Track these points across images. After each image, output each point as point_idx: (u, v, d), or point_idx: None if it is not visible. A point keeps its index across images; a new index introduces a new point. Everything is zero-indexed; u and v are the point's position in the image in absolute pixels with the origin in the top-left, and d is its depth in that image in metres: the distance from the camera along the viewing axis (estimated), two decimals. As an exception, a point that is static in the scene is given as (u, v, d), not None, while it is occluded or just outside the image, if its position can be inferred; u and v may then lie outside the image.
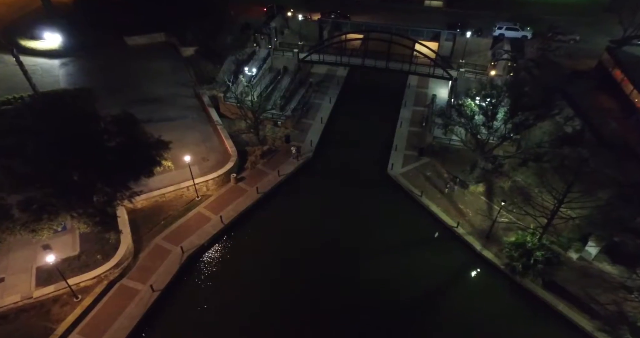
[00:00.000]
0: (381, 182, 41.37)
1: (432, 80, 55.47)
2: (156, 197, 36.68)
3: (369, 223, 37.04)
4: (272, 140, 45.38)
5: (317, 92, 53.90)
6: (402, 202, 39.15)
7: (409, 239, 35.71)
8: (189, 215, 36.40)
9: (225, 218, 36.19)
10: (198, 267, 33.15)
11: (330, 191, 40.26)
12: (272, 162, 42.64)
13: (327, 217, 37.57)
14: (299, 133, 46.84)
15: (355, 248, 34.82)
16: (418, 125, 48.00)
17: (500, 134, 37.02)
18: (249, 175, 41.02)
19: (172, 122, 45.20)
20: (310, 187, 41.03)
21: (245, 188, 39.52)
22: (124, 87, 50.09)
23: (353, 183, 41.07)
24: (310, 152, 44.22)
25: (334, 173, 42.34)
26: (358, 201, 39.17)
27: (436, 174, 41.23)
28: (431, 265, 33.46)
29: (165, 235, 34.30)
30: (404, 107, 50.85)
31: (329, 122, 49.22)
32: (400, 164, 42.66)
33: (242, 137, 45.40)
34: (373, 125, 49.17)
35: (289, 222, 37.30)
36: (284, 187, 40.62)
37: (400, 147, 44.61)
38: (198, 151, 41.90)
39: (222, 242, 35.34)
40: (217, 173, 38.99)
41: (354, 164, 43.49)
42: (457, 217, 36.51)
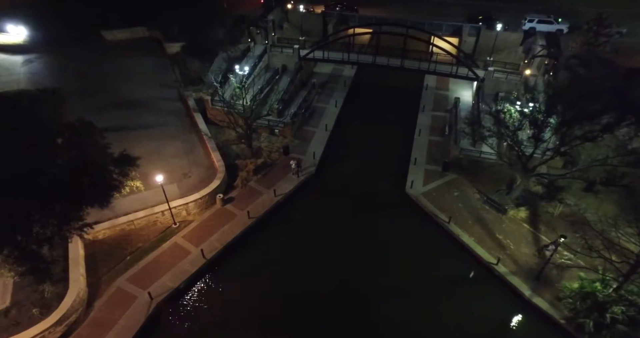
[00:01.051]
0: (399, 204, 34.24)
1: (452, 82, 48.58)
2: (123, 225, 29.62)
3: (384, 258, 29.89)
4: (268, 152, 38.33)
5: (320, 95, 46.90)
6: (424, 229, 32.02)
7: (435, 279, 28.56)
8: (163, 247, 29.33)
9: (207, 252, 29.13)
10: (170, 319, 26.05)
11: (337, 216, 33.13)
12: (268, 179, 35.58)
13: (332, 250, 30.44)
14: (299, 143, 39.78)
15: (366, 291, 27.68)
16: (439, 134, 40.90)
17: (546, 147, 29.94)
18: (240, 195, 33.96)
19: (151, 130, 38.24)
20: (312, 210, 33.92)
21: (234, 211, 32.46)
22: (97, 88, 43.15)
23: (364, 206, 33.94)
24: (312, 167, 37.15)
25: (341, 193, 35.22)
26: (371, 228, 32.02)
27: (464, 194, 34.09)
28: (464, 314, 26.29)
29: (130, 276, 27.23)
30: (422, 112, 43.78)
31: (335, 129, 42.15)
32: (421, 181, 35.54)
33: (232, 148, 38.37)
34: (386, 134, 42.07)
35: (287, 256, 30.18)
36: (280, 211, 33.52)
37: (420, 160, 37.50)
38: (179, 165, 34.90)
39: (203, 283, 28.24)
40: (200, 194, 31.94)
41: (366, 182, 36.37)
42: (496, 251, 29.36)
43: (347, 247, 30.50)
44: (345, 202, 34.28)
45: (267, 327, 25.60)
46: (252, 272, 28.92)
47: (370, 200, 34.49)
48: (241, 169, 36.01)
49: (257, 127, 37.32)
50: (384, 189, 35.65)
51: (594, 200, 28.01)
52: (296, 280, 28.25)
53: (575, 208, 30.84)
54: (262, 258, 29.90)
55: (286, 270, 28.96)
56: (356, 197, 34.76)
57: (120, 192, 27.14)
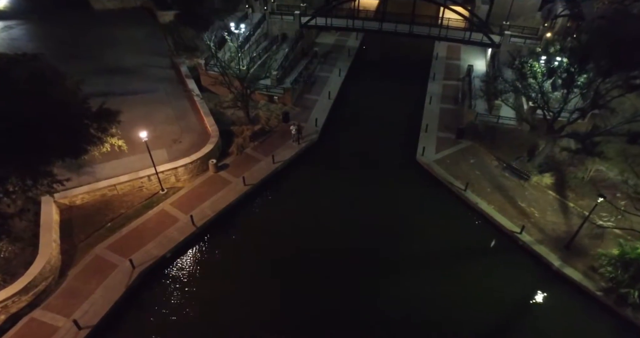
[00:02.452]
0: (409, 173, 31.25)
1: (464, 51, 45.67)
2: (103, 190, 26.66)
3: (394, 229, 26.92)
4: (266, 119, 35.34)
5: (323, 64, 43.87)
6: (438, 198, 29.03)
7: (453, 249, 25.57)
8: (149, 214, 26.37)
9: (198, 219, 26.18)
10: (154, 290, 23.09)
11: (342, 185, 30.14)
12: (266, 146, 32.61)
13: (337, 221, 27.47)
14: (300, 111, 36.79)
15: (375, 264, 24.71)
16: (452, 102, 37.90)
17: (575, 105, 27.01)
18: (235, 162, 30.99)
19: (139, 96, 35.22)
20: (314, 178, 30.94)
21: (228, 178, 29.49)
22: (82, 55, 40.02)
23: (372, 175, 30.95)
24: (315, 134, 34.16)
25: (345, 162, 32.24)
26: (379, 198, 29.04)
27: (482, 161, 31.08)
28: (486, 287, 23.33)
29: (110, 243, 24.27)
30: (432, 81, 40.75)
31: (339, 98, 39.17)
32: (433, 148, 32.53)
33: (227, 115, 35.36)
34: (394, 103, 39.08)
35: (286, 225, 27.19)
36: (279, 179, 30.55)
37: (431, 128, 34.49)
38: (168, 131, 31.93)
39: (192, 253, 25.27)
40: (191, 158, 28.96)
41: (373, 150, 33.37)
42: (519, 219, 26.37)
43: (353, 217, 27.51)
44: (351, 171, 31.29)
45: (261, 302, 22.64)
46: (247, 242, 25.96)
47: (378, 169, 31.49)
48: (237, 135, 33.04)
49: (255, 89, 34.21)
50: (392, 157, 32.66)
51: (628, 165, 25.13)
52: (295, 252, 25.27)
53: (608, 173, 27.83)
54: (259, 228, 26.94)
55: (285, 241, 25.97)
56: (363, 166, 31.78)
57: (100, 149, 24.13)
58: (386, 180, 30.38)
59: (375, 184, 30.05)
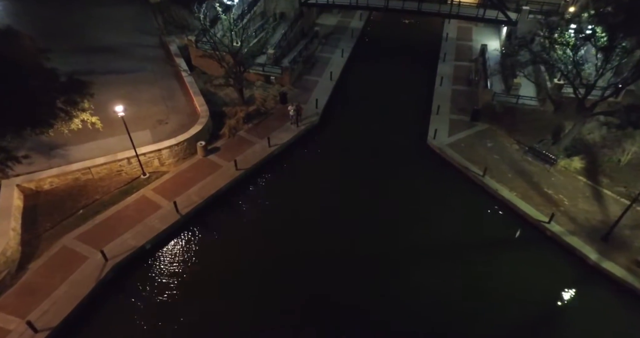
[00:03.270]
0: (420, 158, 28.15)
1: (476, 32, 42.56)
2: (76, 173, 23.60)
3: (405, 218, 23.86)
4: (262, 100, 32.23)
5: (324, 45, 40.75)
6: (453, 184, 25.93)
7: (472, 241, 22.49)
8: (127, 201, 23.32)
9: (182, 207, 23.12)
10: (129, 286, 20.05)
11: (345, 171, 27.07)
12: (261, 128, 29.52)
13: (339, 208, 24.42)
14: (299, 92, 33.67)
15: (385, 258, 21.64)
16: (464, 83, 34.78)
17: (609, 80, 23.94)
18: (226, 145, 27.93)
19: (124, 75, 32.20)
20: (315, 164, 27.88)
21: (218, 162, 26.43)
22: (64, 33, 37.01)
23: (378, 160, 27.86)
24: (315, 116, 31.06)
25: (349, 146, 29.14)
26: (386, 184, 25.98)
27: (500, 145, 27.98)
28: (512, 285, 20.26)
29: (81, 233, 21.23)
30: (443, 62, 37.59)
31: (342, 79, 36.06)
32: (446, 131, 29.42)
33: (219, 96, 32.32)
34: (401, 84, 35.96)
35: (283, 214, 24.14)
36: (276, 163, 27.50)
37: (443, 109, 31.37)
38: (154, 111, 28.88)
39: (175, 243, 22.21)
40: (177, 139, 25.90)
41: (379, 133, 30.27)
42: (547, 207, 23.28)
43: (358, 207, 24.43)
44: (355, 156, 28.19)
45: (251, 299, 19.59)
46: (237, 233, 22.89)
47: (385, 154, 28.38)
48: (229, 117, 29.95)
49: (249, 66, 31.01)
50: (401, 141, 29.54)
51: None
52: (292, 245, 22.21)
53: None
54: (251, 217, 23.88)
55: (281, 233, 22.91)
56: (368, 150, 28.69)
57: (68, 125, 21.08)
58: (394, 166, 27.29)
59: (382, 170, 26.97)
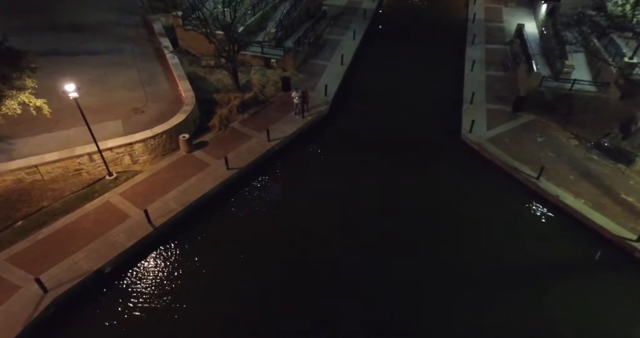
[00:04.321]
0: (454, 155, 22.92)
1: (506, 12, 37.40)
2: (19, 173, 18.44)
3: (441, 234, 18.64)
4: (260, 86, 27.06)
5: (333, 27, 35.58)
6: (498, 189, 20.71)
7: (530, 261, 17.24)
8: (86, 208, 18.16)
9: (157, 216, 17.97)
10: (78, 327, 14.83)
11: (361, 171, 21.84)
12: (259, 119, 24.36)
13: (355, 219, 19.21)
14: (305, 78, 28.50)
15: (419, 285, 16.43)
16: (500, 68, 29.54)
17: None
18: (217, 138, 22.77)
19: (98, 57, 27.15)
20: (323, 161, 22.68)
21: (205, 160, 21.26)
22: (31, 9, 32.02)
23: (402, 158, 22.64)
24: (324, 106, 25.87)
25: (365, 140, 23.95)
26: (413, 188, 20.77)
27: (554, 140, 22.74)
28: (597, 325, 15.04)
29: (16, 253, 16.05)
30: (472, 46, 32.35)
31: (354, 64, 30.85)
32: (484, 123, 24.19)
33: (210, 81, 27.18)
34: (425, 69, 30.77)
35: (284, 226, 18.92)
36: (276, 162, 22.32)
37: (478, 98, 26.14)
38: (129, 97, 23.75)
39: (145, 266, 17.01)
40: (153, 131, 20.74)
41: (401, 126, 25.07)
42: (629, 220, 18.03)
43: (379, 218, 19.22)
44: (372, 153, 22.97)
45: None
46: (228, 251, 17.71)
47: (410, 151, 23.17)
48: (221, 106, 24.78)
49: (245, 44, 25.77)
50: (428, 136, 24.33)
51: None
52: (297, 268, 17.03)
53: None
54: (245, 229, 18.68)
55: (282, 252, 17.72)
56: (388, 146, 23.47)
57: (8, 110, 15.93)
58: (422, 166, 22.08)
59: (408, 171, 21.76)
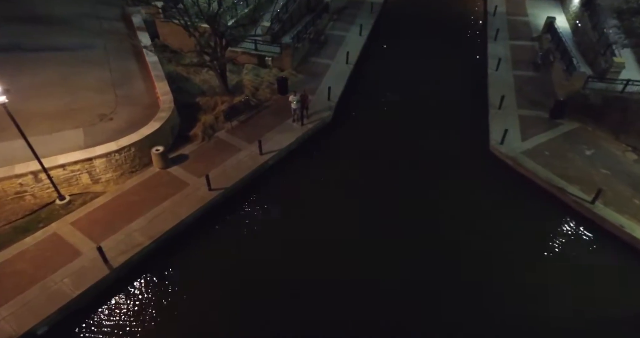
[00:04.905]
0: (481, 171, 19.03)
1: (530, 5, 33.45)
2: (-57, 198, 14.62)
3: (466, 272, 14.78)
4: (253, 88, 23.19)
5: (337, 21, 31.73)
6: (542, 214, 16.82)
7: (598, 317, 13.40)
8: (24, 243, 14.30)
9: (116, 253, 14.09)
10: None
11: (372, 189, 17.97)
12: (250, 128, 20.48)
13: (366, 255, 15.33)
14: (305, 79, 24.63)
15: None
16: (530, 67, 25.68)
17: None
18: (199, 151, 18.91)
19: (64, 53, 23.36)
20: (328, 179, 18.72)
21: (183, 178, 17.39)
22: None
23: (419, 175, 18.78)
24: (327, 112, 22.01)
25: (376, 154, 20.03)
26: (435, 213, 16.91)
27: (607, 153, 18.87)
28: None
29: None
30: (494, 42, 28.46)
31: (360, 63, 26.98)
32: (518, 133, 20.30)
33: (194, 82, 23.35)
34: (440, 68, 26.89)
35: (279, 264, 15.03)
36: (270, 179, 18.43)
37: (508, 102, 22.23)
38: (96, 101, 19.93)
39: (96, 322, 13.10)
40: (118, 144, 16.88)
41: (416, 135, 21.19)
42: None
43: (397, 250, 15.37)
44: (384, 170, 19.09)
45: None
46: (208, 298, 13.83)
47: (429, 166, 19.28)
48: (205, 111, 20.96)
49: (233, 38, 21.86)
50: (450, 147, 20.42)
51: None
52: (293, 316, 13.17)
53: None
54: (231, 269, 14.82)
55: (275, 296, 13.86)
56: (403, 161, 19.57)
57: None
58: (444, 185, 18.20)
59: (427, 191, 17.90)
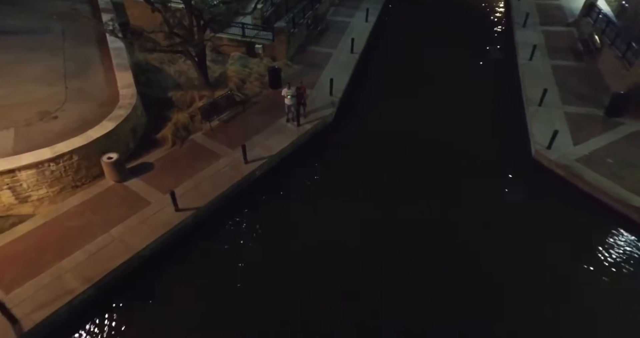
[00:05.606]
0: (524, 182, 15.03)
1: (560, -12, 29.35)
2: None
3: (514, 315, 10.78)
4: (238, 81, 19.10)
5: (339, 6, 27.71)
6: (611, 240, 12.83)
7: None
8: None
9: (30, 309, 10.00)
10: None
11: (387, 209, 13.93)
12: (234, 129, 16.43)
13: (377, 293, 11.31)
14: (303, 70, 20.57)
15: None
16: (570, 56, 21.67)
17: None
18: (167, 158, 14.84)
19: (10, 37, 19.59)
20: (329, 194, 14.63)
21: (144, 195, 13.31)
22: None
23: (445, 188, 14.75)
24: (329, 109, 17.96)
25: (389, 161, 15.97)
26: (469, 237, 12.89)
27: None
28: None
29: None
30: (522, 29, 24.43)
31: (367, 53, 22.96)
32: (568, 136, 16.25)
33: (167, 72, 19.27)
34: (461, 58, 22.91)
35: (268, 310, 11.00)
36: (257, 196, 14.35)
37: (550, 98, 18.16)
38: (41, 96, 15.90)
39: None
40: (54, 150, 12.79)
41: (438, 138, 17.14)
42: None
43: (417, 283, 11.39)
44: (400, 181, 15.07)
45: None
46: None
47: (456, 176, 15.25)
48: (180, 108, 16.91)
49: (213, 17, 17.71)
50: (482, 155, 16.36)
51: None
52: None
53: None
54: (203, 318, 10.79)
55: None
56: (423, 171, 15.56)
57: None
58: (478, 201, 14.19)
59: (455, 208, 13.90)
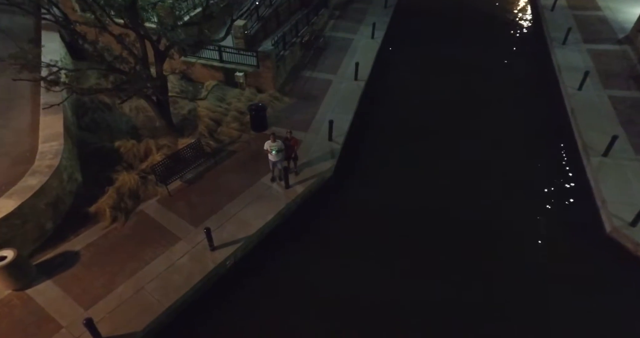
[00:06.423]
0: (599, 277, 10.61)
1: (599, -4, 25.01)
2: None
3: None
4: (212, 121, 14.76)
5: (339, 19, 23.37)
6: None
7: None
8: None
9: None
10: None
11: (406, 311, 9.57)
12: (200, 195, 12.05)
13: None
14: (295, 105, 16.26)
15: None
16: (631, 83, 17.28)
17: None
18: (102, 244, 10.46)
19: None
20: (330, 289, 10.27)
21: (52, 313, 8.89)
22: None
23: (483, 279, 10.40)
24: (328, 161, 13.59)
25: (408, 236, 11.63)
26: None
27: None
28: None
29: None
30: (563, 47, 20.02)
31: (374, 79, 18.60)
32: (654, 203, 11.89)
33: (122, 110, 14.90)
34: (488, 86, 18.53)
35: None
36: (230, 298, 9.95)
37: (619, 145, 13.70)
38: None
39: None
40: None
41: (468, 203, 12.74)
42: None
43: None
44: (424, 266, 10.73)
45: None
46: None
47: (493, 266, 10.89)
48: (126, 164, 12.55)
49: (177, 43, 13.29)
50: (527, 231, 11.94)
51: None
52: None
53: None
54: None
55: None
56: (452, 250, 11.20)
57: None
58: (526, 304, 9.83)
59: (497, 310, 9.54)
